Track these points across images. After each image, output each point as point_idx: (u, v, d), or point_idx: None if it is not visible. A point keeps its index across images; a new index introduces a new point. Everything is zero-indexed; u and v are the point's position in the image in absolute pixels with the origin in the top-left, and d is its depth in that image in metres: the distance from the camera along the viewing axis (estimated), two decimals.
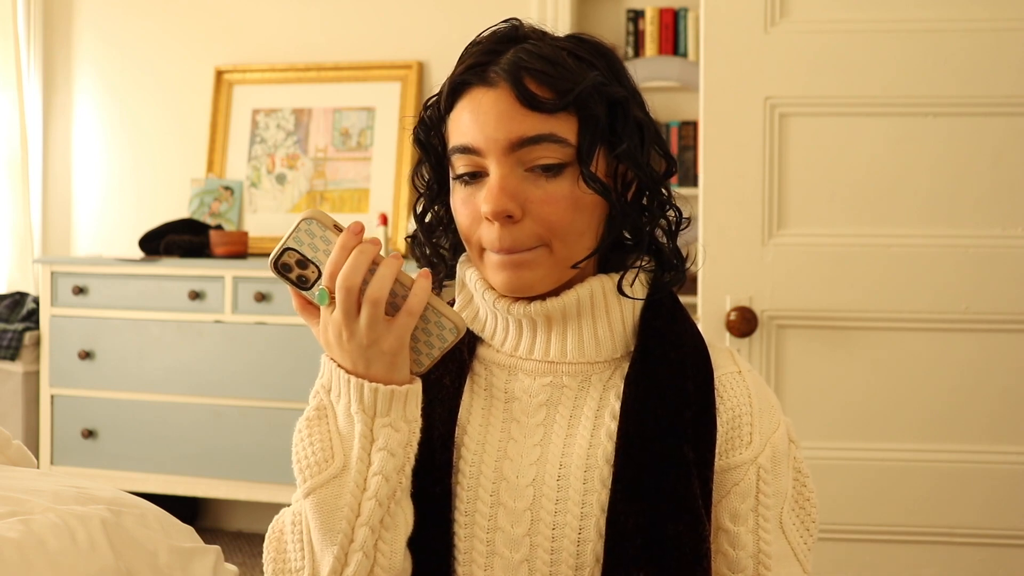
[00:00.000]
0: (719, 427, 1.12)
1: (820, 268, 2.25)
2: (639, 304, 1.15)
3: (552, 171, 1.07)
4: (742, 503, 1.12)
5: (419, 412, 1.05)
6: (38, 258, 4.27)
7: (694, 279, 2.43)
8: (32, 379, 4.05)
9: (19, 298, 4.26)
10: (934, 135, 2.22)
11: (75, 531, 1.71)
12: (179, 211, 4.34)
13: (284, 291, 3.79)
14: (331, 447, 1.03)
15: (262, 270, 3.83)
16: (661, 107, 3.98)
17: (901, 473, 2.26)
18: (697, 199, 2.31)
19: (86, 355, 3.95)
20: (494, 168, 1.08)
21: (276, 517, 1.13)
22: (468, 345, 1.17)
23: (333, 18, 4.29)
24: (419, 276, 1.03)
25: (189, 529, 1.94)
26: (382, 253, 1.02)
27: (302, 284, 1.03)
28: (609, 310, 1.13)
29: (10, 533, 1.64)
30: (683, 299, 1.21)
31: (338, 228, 1.02)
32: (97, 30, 4.49)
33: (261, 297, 3.81)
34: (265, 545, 1.12)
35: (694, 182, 3.78)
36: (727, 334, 2.25)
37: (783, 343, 2.27)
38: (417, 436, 1.05)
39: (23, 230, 4.40)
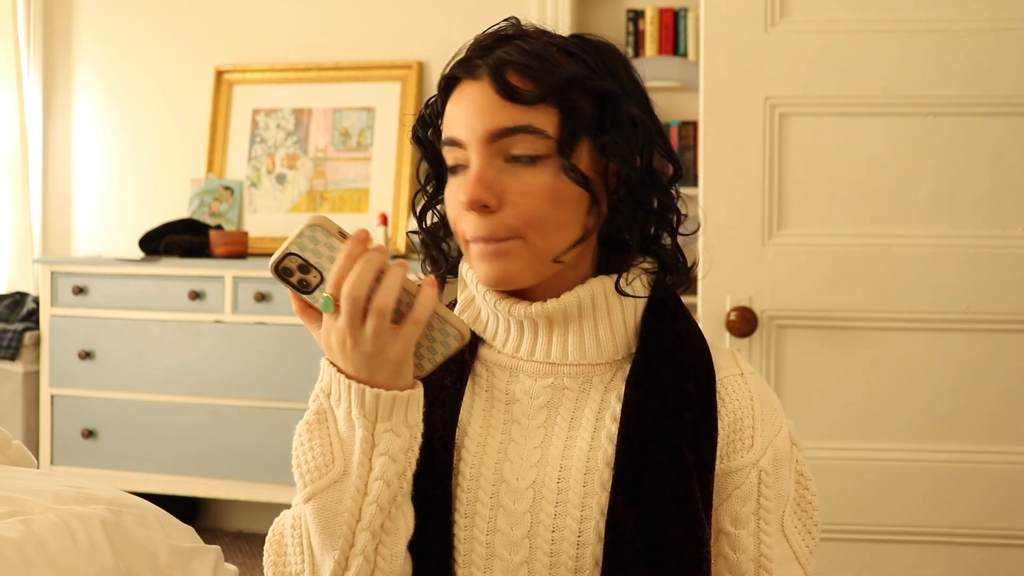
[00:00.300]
0: (720, 430, 1.12)
1: (820, 268, 2.25)
2: (641, 305, 1.14)
3: (529, 163, 1.07)
4: (743, 506, 1.12)
5: (420, 417, 1.05)
6: (38, 258, 4.27)
7: (694, 279, 2.42)
8: (32, 379, 4.05)
9: (19, 298, 4.26)
10: (934, 135, 2.22)
11: (75, 531, 1.71)
12: (179, 211, 4.34)
13: (284, 291, 3.77)
14: (331, 451, 1.03)
15: (262, 270, 3.82)
16: (661, 107, 3.97)
17: (901, 473, 2.26)
18: (697, 199, 2.31)
19: (86, 355, 3.95)
20: (474, 159, 1.08)
21: (276, 520, 1.12)
22: (470, 346, 1.16)
23: (333, 18, 4.29)
24: (425, 284, 1.02)
25: (189, 529, 1.94)
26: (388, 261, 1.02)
27: (303, 288, 1.02)
28: (610, 311, 1.13)
29: (10, 533, 1.64)
30: (683, 299, 1.21)
31: (343, 235, 1.01)
32: (97, 30, 4.49)
33: (261, 297, 3.81)
34: (265, 548, 1.11)
35: (694, 182, 3.78)
36: (727, 334, 2.25)
37: (783, 343, 2.27)
38: (419, 441, 1.05)
39: (23, 230, 4.40)
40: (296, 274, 1.01)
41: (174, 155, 4.42)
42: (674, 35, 4.07)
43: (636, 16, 4.09)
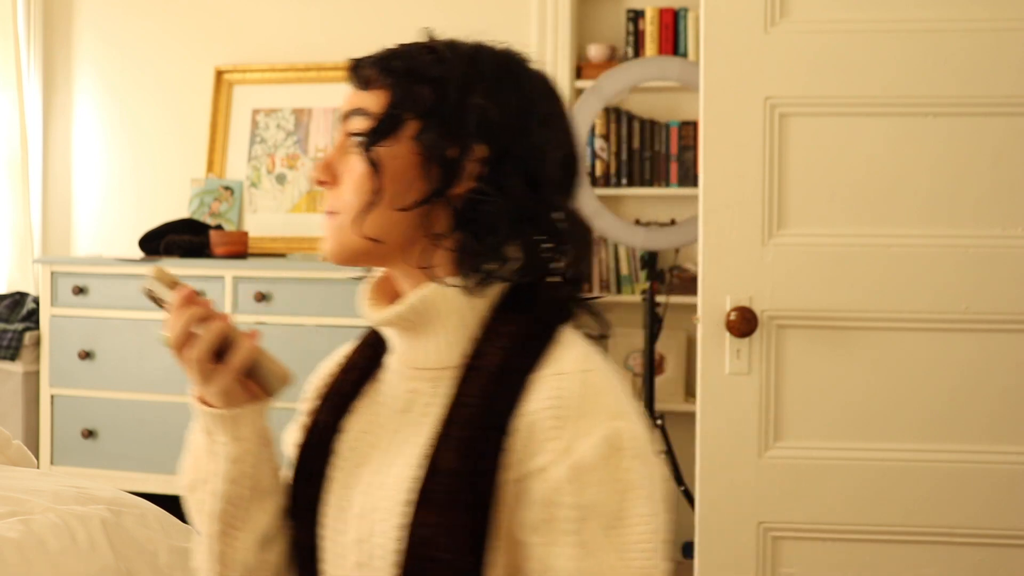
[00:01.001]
0: (518, 431, 1.05)
1: (820, 268, 2.25)
2: (483, 304, 1.11)
3: (356, 143, 1.12)
4: (530, 513, 1.05)
5: (253, 430, 1.16)
6: (38, 258, 4.27)
7: (693, 279, 2.43)
8: (32, 379, 4.05)
9: (19, 298, 4.26)
10: (934, 135, 2.22)
11: (75, 531, 1.71)
12: (179, 211, 4.34)
13: (284, 291, 3.80)
14: (197, 457, 1.21)
15: (262, 270, 3.83)
16: (661, 107, 3.98)
17: (901, 473, 2.26)
18: (697, 199, 2.31)
19: (86, 355, 3.95)
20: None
21: None
22: (379, 352, 1.20)
23: (333, 18, 4.29)
24: (246, 335, 1.12)
25: (189, 529, 1.94)
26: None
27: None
28: (446, 315, 1.11)
29: (10, 533, 1.64)
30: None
31: (175, 285, 1.14)
32: (97, 30, 4.49)
33: (261, 297, 3.81)
34: None
35: (694, 182, 3.78)
36: (727, 334, 2.25)
37: (783, 343, 2.27)
38: (252, 452, 1.16)
39: (23, 230, 4.40)
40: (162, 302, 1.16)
41: (174, 155, 4.41)
42: (674, 35, 4.06)
43: (636, 16, 4.09)
